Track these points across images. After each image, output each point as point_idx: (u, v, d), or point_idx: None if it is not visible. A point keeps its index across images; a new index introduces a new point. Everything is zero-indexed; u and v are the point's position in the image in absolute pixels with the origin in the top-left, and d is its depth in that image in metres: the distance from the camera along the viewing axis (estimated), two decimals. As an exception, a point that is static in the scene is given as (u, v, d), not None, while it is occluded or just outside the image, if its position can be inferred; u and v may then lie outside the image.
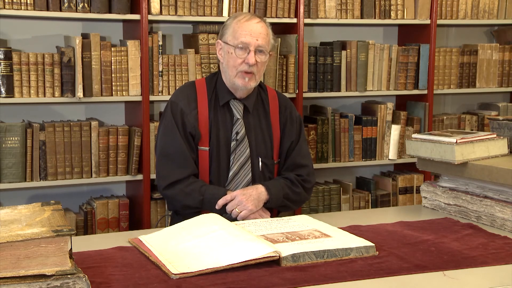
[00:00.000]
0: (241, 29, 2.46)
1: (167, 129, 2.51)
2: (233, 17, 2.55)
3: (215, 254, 1.75)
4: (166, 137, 2.51)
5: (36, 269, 1.39)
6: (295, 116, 2.64)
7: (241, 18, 2.49)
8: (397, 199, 3.90)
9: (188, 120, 2.48)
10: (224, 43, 2.51)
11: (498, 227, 2.16)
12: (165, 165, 2.49)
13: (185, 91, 2.56)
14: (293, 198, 2.55)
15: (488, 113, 4.07)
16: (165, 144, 2.51)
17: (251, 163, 2.53)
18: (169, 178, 2.46)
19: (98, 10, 3.14)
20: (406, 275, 1.70)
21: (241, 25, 2.47)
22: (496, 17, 3.99)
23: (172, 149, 2.48)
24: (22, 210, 1.61)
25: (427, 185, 2.46)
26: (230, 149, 2.51)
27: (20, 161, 3.08)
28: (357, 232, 2.03)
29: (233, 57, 2.47)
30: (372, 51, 3.72)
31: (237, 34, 2.46)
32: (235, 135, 2.52)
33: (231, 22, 2.51)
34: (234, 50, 2.46)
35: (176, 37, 3.59)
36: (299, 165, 2.59)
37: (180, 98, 2.53)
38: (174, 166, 2.47)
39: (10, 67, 3.03)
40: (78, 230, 3.25)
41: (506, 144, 2.40)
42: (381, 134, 3.81)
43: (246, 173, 2.53)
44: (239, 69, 2.46)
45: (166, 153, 2.50)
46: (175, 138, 2.48)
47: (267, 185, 2.47)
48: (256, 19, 2.50)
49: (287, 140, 2.60)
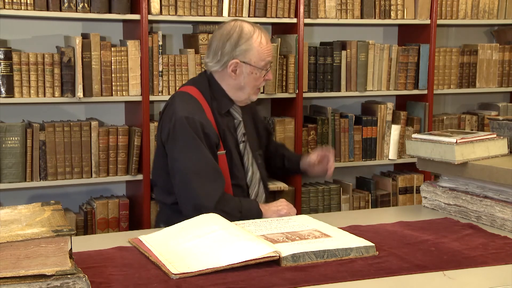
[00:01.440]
0: (266, 51, 2.49)
1: (188, 146, 2.37)
2: (246, 37, 2.48)
3: (215, 254, 1.75)
4: (192, 154, 2.37)
5: (36, 269, 1.39)
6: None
7: (260, 40, 2.48)
8: (397, 199, 3.90)
9: (210, 130, 2.40)
10: (247, 64, 2.48)
11: (498, 227, 2.16)
12: (203, 183, 2.34)
13: (191, 104, 2.45)
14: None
15: (488, 113, 4.07)
16: (194, 162, 2.36)
17: (255, 159, 2.59)
18: (212, 196, 2.32)
19: (98, 10, 3.14)
20: (406, 275, 1.70)
21: (265, 47, 2.49)
22: (496, 17, 3.99)
23: (203, 165, 2.36)
24: (22, 210, 1.61)
25: (427, 185, 2.46)
26: (240, 152, 2.54)
27: (20, 161, 3.08)
28: (357, 232, 2.03)
29: (257, 77, 2.50)
30: (372, 51, 3.72)
31: (263, 56, 2.48)
32: (242, 137, 2.55)
33: (252, 44, 2.46)
34: (260, 71, 2.49)
35: (176, 37, 3.59)
36: (273, 143, 2.90)
37: (192, 112, 2.40)
38: (211, 182, 2.35)
39: (10, 67, 3.03)
40: (78, 230, 3.25)
41: (506, 144, 2.40)
42: (381, 134, 3.81)
43: (256, 171, 2.58)
44: (259, 86, 2.54)
45: (197, 170, 2.35)
46: (203, 153, 2.36)
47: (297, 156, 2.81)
48: (266, 35, 2.53)
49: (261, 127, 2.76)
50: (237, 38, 2.46)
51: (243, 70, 2.48)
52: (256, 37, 2.48)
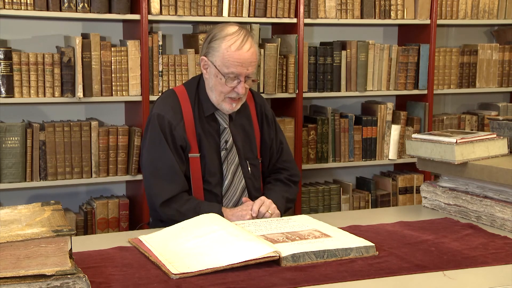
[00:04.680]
0: (232, 59, 2.32)
1: (154, 143, 2.39)
2: (221, 37, 2.36)
3: (215, 254, 1.75)
4: (154, 152, 2.39)
5: (36, 269, 1.39)
6: (269, 115, 2.61)
7: (231, 44, 2.32)
8: (397, 199, 3.90)
9: (177, 132, 2.38)
10: (212, 64, 2.37)
11: (498, 227, 2.16)
12: (157, 182, 2.37)
13: (168, 102, 2.43)
14: (291, 198, 2.57)
15: (488, 113, 4.07)
16: (154, 159, 2.39)
17: (241, 168, 2.49)
18: (161, 196, 2.35)
19: (98, 10, 3.14)
20: (406, 275, 1.70)
21: (232, 54, 2.32)
22: (496, 17, 3.99)
23: (162, 164, 2.37)
24: (22, 210, 1.61)
25: (427, 185, 2.46)
26: (220, 158, 2.45)
27: (20, 161, 3.08)
28: (357, 232, 2.03)
29: (222, 83, 2.36)
30: (372, 51, 3.72)
31: (228, 63, 2.32)
32: (224, 144, 2.45)
33: (220, 45, 2.34)
34: (223, 77, 2.34)
35: (176, 37, 3.59)
36: (284, 162, 2.62)
37: (165, 110, 2.39)
38: (166, 182, 2.36)
39: (10, 67, 3.03)
40: (78, 230, 3.25)
41: (506, 144, 2.40)
42: (381, 134, 3.81)
43: (240, 179, 2.48)
44: (228, 95, 2.38)
45: (155, 168, 2.38)
46: (164, 152, 2.37)
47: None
48: (247, 45, 2.34)
49: (267, 138, 2.58)
50: (213, 35, 2.40)
51: (210, 69, 2.39)
52: (230, 40, 2.33)
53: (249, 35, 2.39)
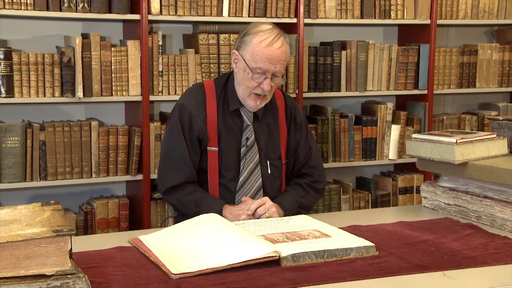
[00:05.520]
0: (262, 54, 2.37)
1: (172, 132, 2.50)
2: (254, 32, 2.42)
3: (215, 254, 1.75)
4: (170, 140, 2.50)
5: (36, 269, 1.39)
6: (299, 119, 2.62)
7: (263, 40, 2.38)
8: (397, 199, 3.90)
9: (196, 123, 2.46)
10: (242, 58, 2.43)
11: (498, 227, 2.16)
12: (166, 169, 2.49)
13: (194, 94, 2.53)
14: (306, 204, 2.56)
15: (488, 113, 4.07)
16: (168, 148, 2.50)
17: (260, 167, 2.51)
18: (167, 182, 2.47)
19: (98, 10, 3.14)
20: (406, 275, 1.70)
21: (261, 50, 2.37)
22: (496, 17, 3.99)
23: (174, 153, 2.48)
24: (22, 210, 1.61)
25: (427, 185, 2.46)
26: (239, 154, 2.49)
27: (20, 161, 3.08)
28: (357, 232, 2.03)
29: (248, 78, 2.41)
30: (372, 51, 3.72)
31: (257, 58, 2.37)
32: (245, 141, 2.50)
33: (252, 40, 2.40)
34: (250, 71, 2.40)
35: (176, 37, 3.59)
36: (311, 168, 2.61)
37: (188, 101, 2.50)
38: (173, 171, 2.47)
39: (10, 67, 3.03)
40: (78, 230, 3.25)
41: (506, 144, 2.40)
42: (381, 134, 3.81)
43: (256, 178, 2.51)
44: (253, 91, 2.43)
45: (168, 156, 2.50)
46: (179, 142, 2.46)
47: (280, 202, 2.43)
48: (278, 43, 2.38)
49: (293, 142, 2.60)
50: (246, 31, 2.46)
51: (240, 63, 2.45)
52: (262, 36, 2.39)
53: (282, 35, 2.44)
